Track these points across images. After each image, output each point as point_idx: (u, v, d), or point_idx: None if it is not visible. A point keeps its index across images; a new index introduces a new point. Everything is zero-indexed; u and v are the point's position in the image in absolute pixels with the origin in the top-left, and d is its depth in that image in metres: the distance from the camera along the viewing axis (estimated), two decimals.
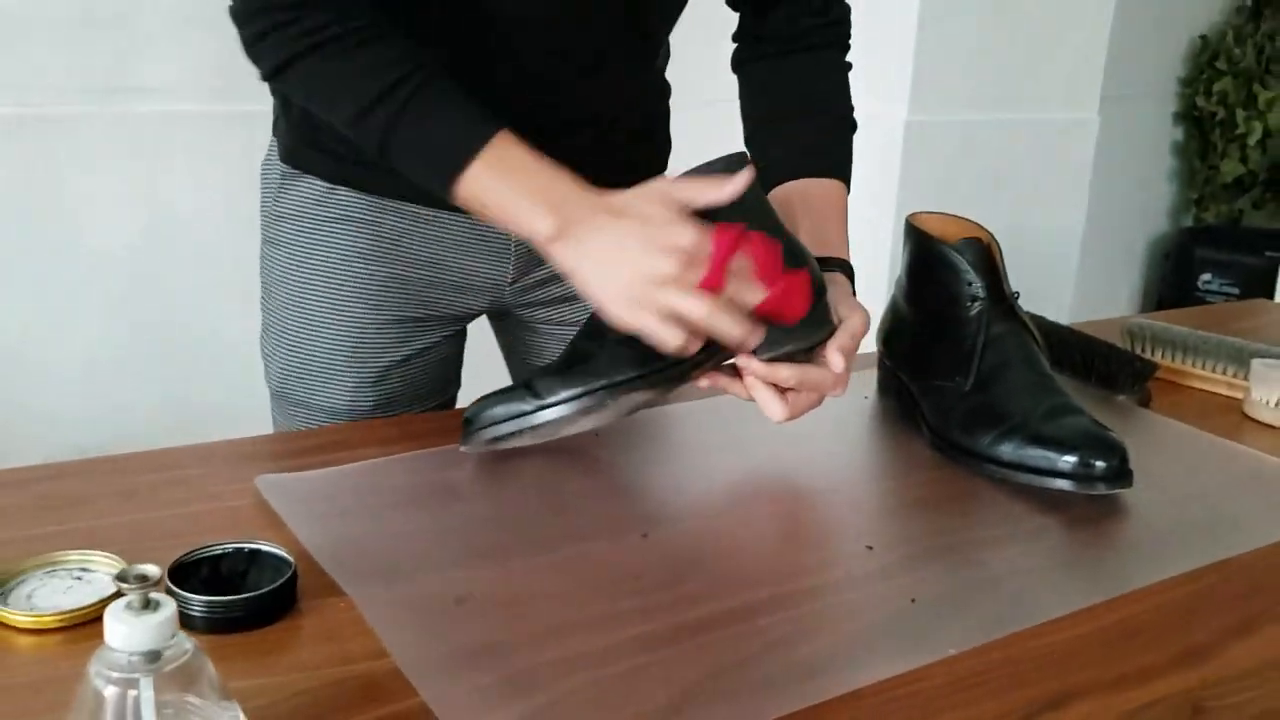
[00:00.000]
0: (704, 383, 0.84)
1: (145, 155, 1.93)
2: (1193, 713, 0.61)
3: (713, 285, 0.75)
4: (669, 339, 0.76)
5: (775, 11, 1.02)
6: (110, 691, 0.47)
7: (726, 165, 0.80)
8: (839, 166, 0.98)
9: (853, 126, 1.02)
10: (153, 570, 0.49)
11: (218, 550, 0.68)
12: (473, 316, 1.09)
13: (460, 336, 1.10)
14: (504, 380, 1.14)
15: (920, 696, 0.60)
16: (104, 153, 1.90)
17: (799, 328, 0.81)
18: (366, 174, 0.98)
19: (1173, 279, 3.39)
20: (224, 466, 0.83)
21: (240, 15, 0.84)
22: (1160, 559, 0.77)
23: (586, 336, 0.85)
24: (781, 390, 0.83)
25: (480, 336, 1.16)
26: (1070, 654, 0.65)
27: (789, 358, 0.82)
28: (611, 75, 1.00)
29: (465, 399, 1.11)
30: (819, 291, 0.83)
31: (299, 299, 1.01)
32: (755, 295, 0.77)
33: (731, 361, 0.83)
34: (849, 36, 1.05)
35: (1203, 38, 3.43)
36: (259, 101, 1.06)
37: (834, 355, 0.83)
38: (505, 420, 0.83)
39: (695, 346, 0.77)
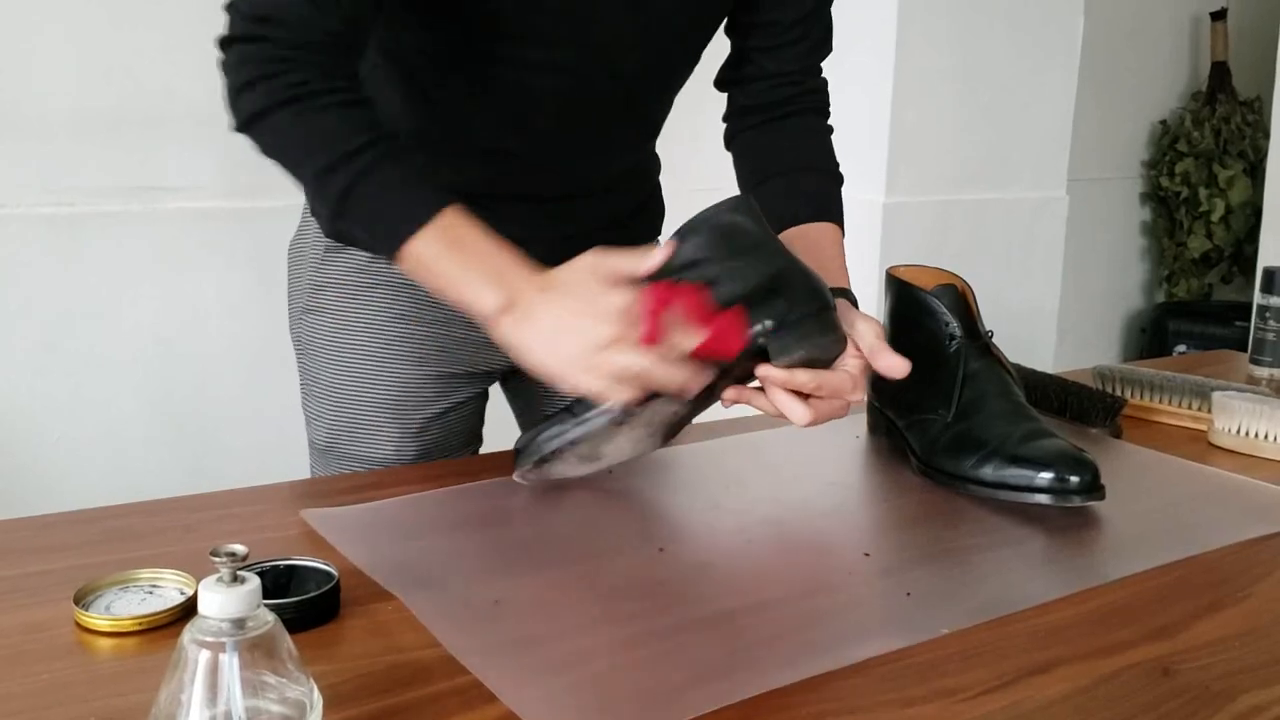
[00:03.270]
0: (729, 395, 0.90)
1: (174, 249, 2.04)
2: (1163, 674, 0.67)
3: (651, 339, 0.81)
4: (617, 396, 0.82)
5: (757, 84, 1.12)
6: (202, 655, 0.54)
7: (733, 206, 0.88)
8: (832, 213, 1.07)
9: (839, 180, 1.12)
10: (240, 548, 0.56)
11: (258, 567, 0.73)
12: (499, 373, 1.17)
13: (484, 396, 1.18)
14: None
15: (917, 667, 0.67)
16: (136, 247, 2.01)
17: (810, 336, 0.87)
18: None
19: (1149, 351, 3.50)
20: (273, 505, 0.90)
21: (230, 64, 0.88)
22: (1133, 557, 0.84)
23: None
24: (803, 396, 0.88)
25: (495, 401, 1.24)
26: (1053, 632, 0.72)
27: (809, 367, 0.88)
28: (614, 150, 1.11)
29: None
30: (827, 307, 0.89)
31: (346, 359, 1.08)
32: (692, 339, 0.82)
33: (753, 379, 0.89)
34: (827, 103, 1.15)
35: (1163, 123, 3.60)
36: (278, 198, 1.15)
37: (889, 359, 0.90)
38: (550, 440, 0.90)
39: (640, 398, 0.83)
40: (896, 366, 0.91)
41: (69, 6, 1.91)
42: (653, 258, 0.84)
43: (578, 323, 0.82)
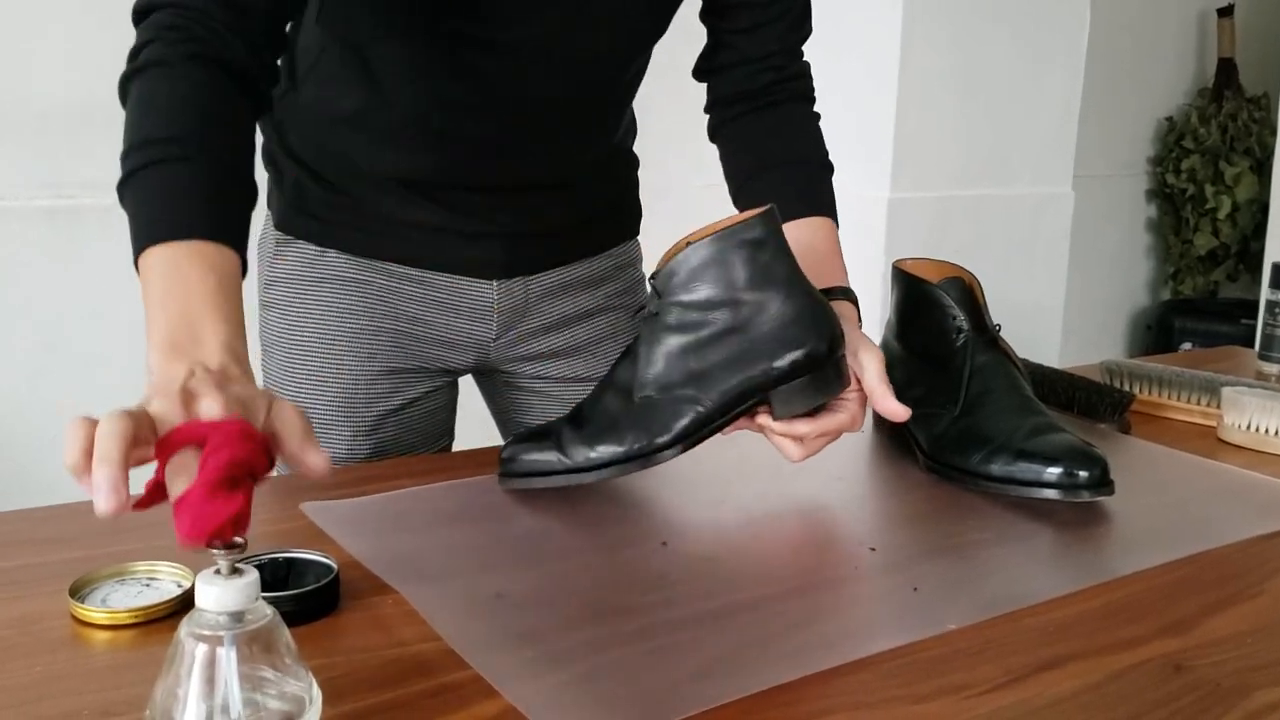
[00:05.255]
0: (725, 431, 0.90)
1: None
2: (1174, 671, 0.66)
3: (157, 454, 0.63)
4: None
5: (737, 70, 1.08)
6: (199, 649, 0.53)
7: (763, 220, 0.86)
8: (825, 206, 1.05)
9: (829, 169, 1.09)
10: (238, 540, 0.55)
11: (256, 560, 0.72)
12: (461, 371, 1.14)
13: (450, 390, 1.15)
14: (495, 437, 1.20)
15: (925, 662, 0.66)
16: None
17: (812, 391, 0.87)
18: (353, 237, 1.05)
19: (1155, 349, 3.49)
20: (273, 497, 0.89)
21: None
22: (1143, 552, 0.83)
23: (611, 391, 0.90)
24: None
25: (472, 393, 1.23)
26: (1062, 627, 0.71)
27: (811, 411, 0.88)
28: (574, 139, 1.07)
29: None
30: (834, 352, 0.88)
31: (295, 356, 1.06)
32: (179, 487, 0.60)
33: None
34: (812, 90, 1.11)
35: (1169, 119, 3.59)
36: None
37: (890, 404, 0.90)
38: (535, 475, 0.90)
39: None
40: (896, 413, 0.90)
41: (68, 1, 1.90)
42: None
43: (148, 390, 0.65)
